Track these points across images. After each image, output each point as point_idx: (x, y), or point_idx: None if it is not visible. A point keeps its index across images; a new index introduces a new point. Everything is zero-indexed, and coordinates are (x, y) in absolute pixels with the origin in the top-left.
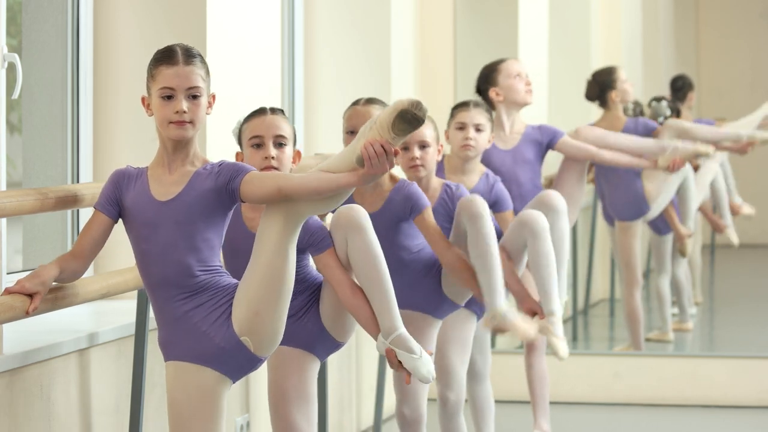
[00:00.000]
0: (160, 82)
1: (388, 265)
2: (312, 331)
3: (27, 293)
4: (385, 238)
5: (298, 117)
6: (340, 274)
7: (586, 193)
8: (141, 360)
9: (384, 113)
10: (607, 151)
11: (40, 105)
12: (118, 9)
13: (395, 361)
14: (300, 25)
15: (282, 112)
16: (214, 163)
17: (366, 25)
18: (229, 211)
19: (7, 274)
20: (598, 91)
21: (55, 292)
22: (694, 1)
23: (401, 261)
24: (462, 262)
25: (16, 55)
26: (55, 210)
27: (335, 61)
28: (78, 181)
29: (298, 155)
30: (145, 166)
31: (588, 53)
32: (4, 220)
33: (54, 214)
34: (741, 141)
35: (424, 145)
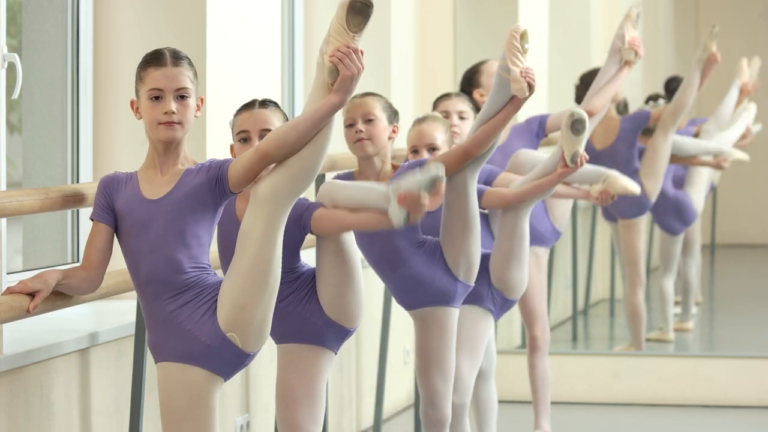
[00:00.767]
0: (148, 83)
1: (391, 260)
2: (317, 324)
3: (29, 291)
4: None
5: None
6: (336, 211)
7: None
8: (141, 360)
9: (334, 20)
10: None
11: (40, 105)
12: (118, 9)
13: (416, 200)
14: (300, 25)
15: (274, 104)
16: (204, 162)
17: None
18: (220, 207)
19: (7, 274)
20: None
21: (56, 291)
22: (694, 1)
23: (404, 253)
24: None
25: (16, 55)
26: (54, 210)
27: None
28: (78, 181)
29: None
30: (134, 171)
31: (588, 53)
32: (4, 220)
33: (54, 214)
34: (722, 155)
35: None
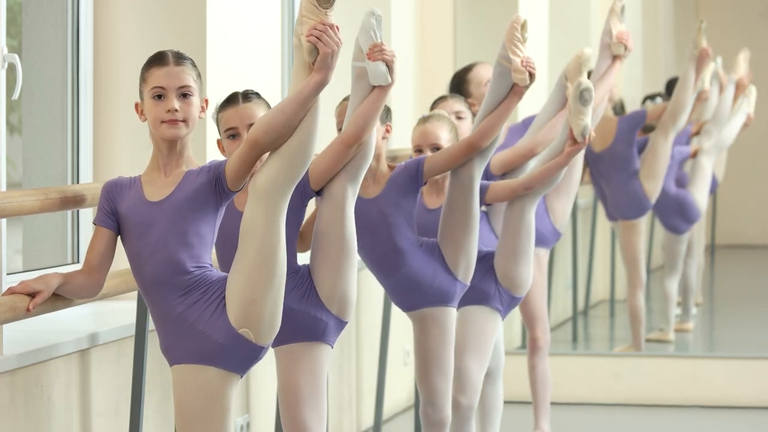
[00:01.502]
0: (151, 82)
1: (392, 261)
2: (318, 317)
3: (30, 292)
4: (386, 224)
5: None
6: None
7: (586, 194)
8: (141, 361)
9: (303, 1)
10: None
11: (40, 105)
12: (118, 9)
13: (379, 46)
14: None
15: (256, 95)
16: (205, 164)
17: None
18: (221, 207)
19: (7, 274)
20: None
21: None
22: (694, 1)
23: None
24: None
25: (16, 55)
26: (54, 211)
27: None
28: (78, 182)
29: None
30: (138, 174)
31: None
32: (4, 221)
33: (54, 215)
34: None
35: None
